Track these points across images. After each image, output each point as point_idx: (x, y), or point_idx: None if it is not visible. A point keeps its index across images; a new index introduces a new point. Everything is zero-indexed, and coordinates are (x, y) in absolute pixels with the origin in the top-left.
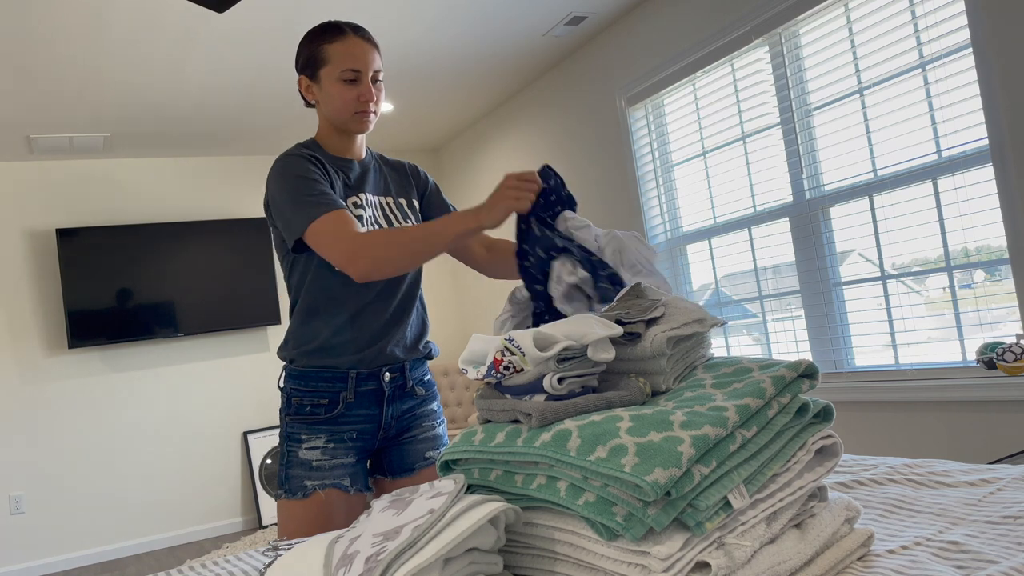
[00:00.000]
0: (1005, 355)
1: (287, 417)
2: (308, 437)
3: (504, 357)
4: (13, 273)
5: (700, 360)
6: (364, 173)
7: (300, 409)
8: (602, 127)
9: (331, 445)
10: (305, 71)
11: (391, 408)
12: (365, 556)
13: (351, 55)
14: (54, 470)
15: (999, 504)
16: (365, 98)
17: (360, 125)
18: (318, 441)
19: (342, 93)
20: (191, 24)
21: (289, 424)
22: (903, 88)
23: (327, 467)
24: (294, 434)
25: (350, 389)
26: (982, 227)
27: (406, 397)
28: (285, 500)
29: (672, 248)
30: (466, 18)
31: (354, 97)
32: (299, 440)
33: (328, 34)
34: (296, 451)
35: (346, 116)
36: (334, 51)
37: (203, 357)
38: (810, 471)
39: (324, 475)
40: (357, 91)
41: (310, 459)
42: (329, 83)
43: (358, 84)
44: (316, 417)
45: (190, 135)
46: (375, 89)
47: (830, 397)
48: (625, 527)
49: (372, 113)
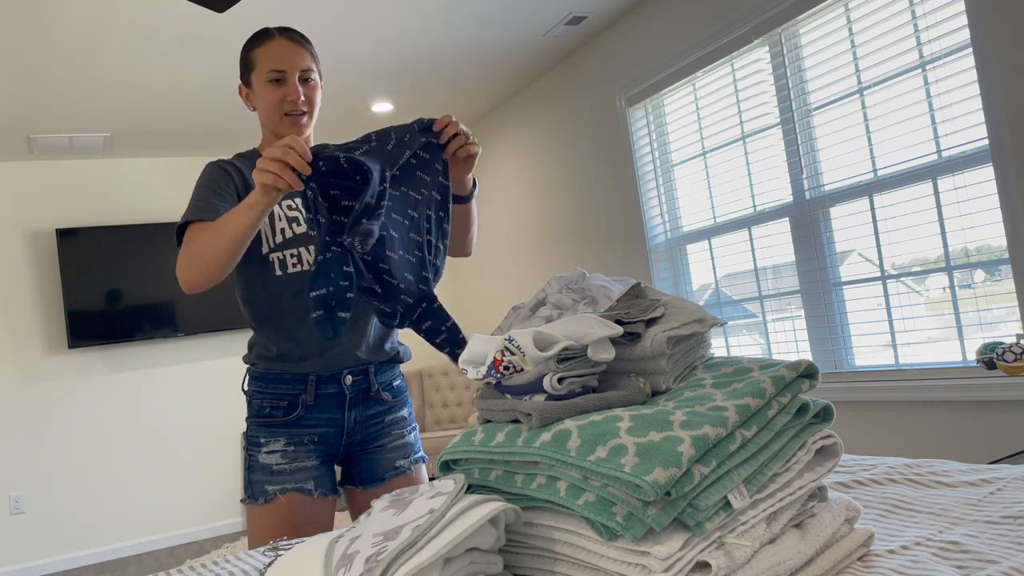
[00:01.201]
0: (1005, 355)
1: (248, 420)
2: (267, 440)
3: (504, 357)
4: (13, 273)
5: (700, 360)
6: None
7: (260, 411)
8: (602, 127)
9: (291, 448)
10: (242, 79)
11: (354, 412)
12: (365, 556)
13: (275, 56)
14: (54, 470)
15: (999, 504)
16: (291, 97)
17: (291, 127)
18: (277, 444)
19: (268, 95)
20: (191, 24)
21: (250, 428)
22: (903, 88)
23: (288, 471)
24: (254, 438)
25: (309, 392)
26: (982, 227)
27: (371, 402)
28: (249, 505)
29: (672, 248)
30: (466, 18)
31: (280, 97)
32: (259, 444)
33: (256, 39)
34: (256, 455)
35: (276, 118)
36: (260, 55)
37: (203, 357)
38: (810, 471)
39: (285, 479)
40: (283, 91)
41: (270, 463)
42: (259, 86)
43: (284, 84)
44: (275, 419)
45: (190, 135)
46: (305, 88)
47: (830, 397)
48: (625, 527)
49: (305, 114)
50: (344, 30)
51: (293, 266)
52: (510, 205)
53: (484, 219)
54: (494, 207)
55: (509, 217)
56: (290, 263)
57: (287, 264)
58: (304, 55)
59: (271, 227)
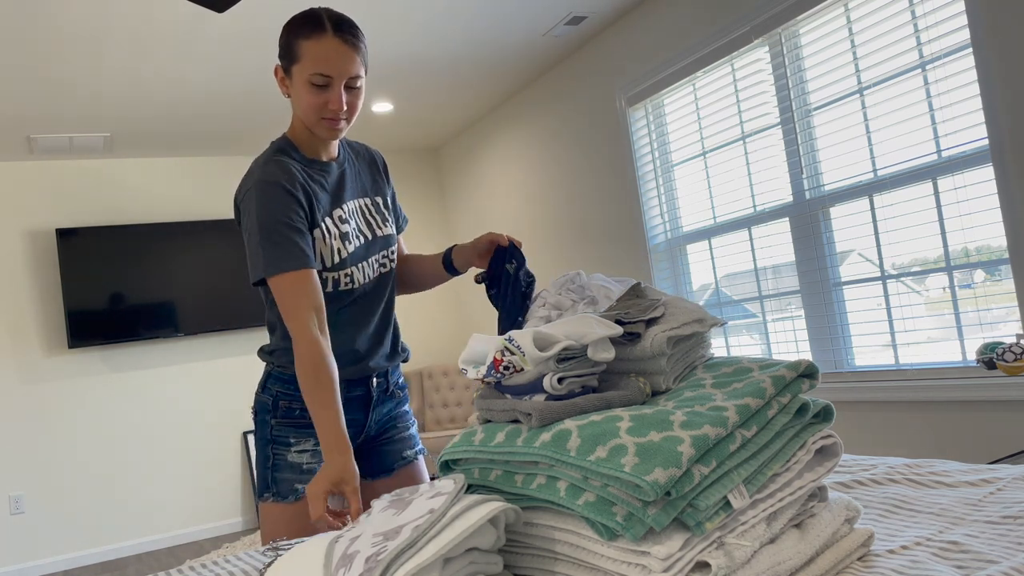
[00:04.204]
0: (1005, 355)
1: (273, 420)
2: (297, 440)
3: (504, 357)
4: (13, 273)
5: (700, 360)
6: (342, 177)
7: (288, 412)
8: (602, 127)
9: (319, 448)
10: (282, 62)
11: (375, 412)
12: (365, 556)
13: (324, 59)
14: (54, 470)
15: (999, 504)
16: (333, 107)
17: (328, 133)
18: (307, 444)
19: (309, 97)
20: (191, 24)
21: (275, 427)
22: (903, 88)
23: (317, 469)
24: (281, 437)
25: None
26: (982, 227)
27: (387, 400)
28: (273, 504)
29: (672, 248)
30: (466, 18)
31: (321, 104)
32: (287, 443)
33: (307, 27)
34: (284, 454)
35: (313, 120)
36: (308, 50)
37: (203, 357)
38: (810, 471)
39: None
40: (326, 98)
41: (300, 462)
42: (299, 82)
43: (328, 91)
44: (305, 420)
45: (190, 135)
46: (350, 96)
47: (830, 397)
48: (625, 527)
49: (343, 121)
50: None
51: (345, 285)
52: (510, 205)
53: (484, 219)
54: (494, 207)
55: (509, 217)
56: (343, 282)
57: (340, 283)
58: (355, 60)
59: (327, 247)
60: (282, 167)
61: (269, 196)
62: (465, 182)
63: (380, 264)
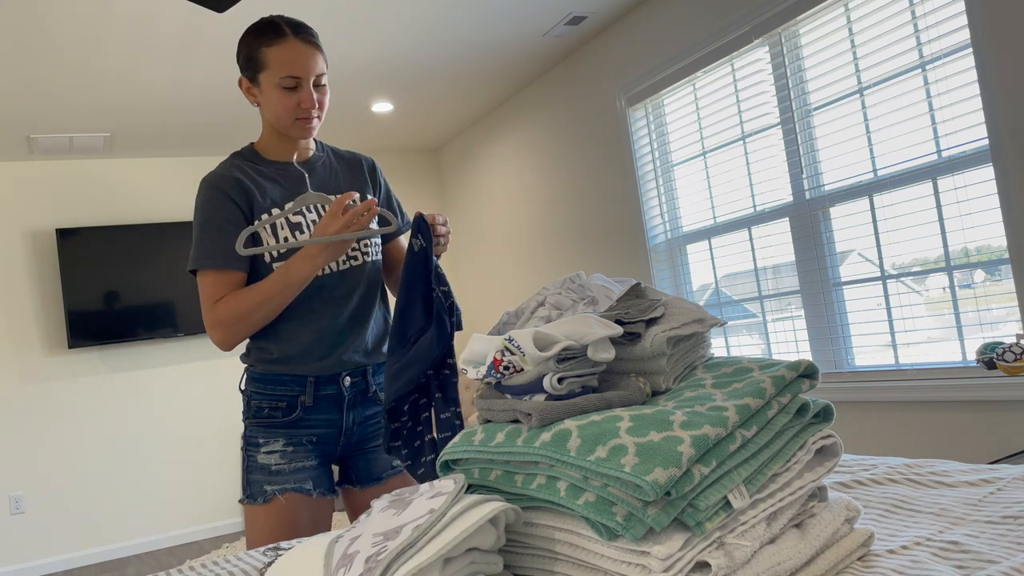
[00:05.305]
0: (1005, 355)
1: (246, 420)
2: (266, 441)
3: (504, 357)
4: (13, 273)
5: (700, 360)
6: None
7: (259, 412)
8: (602, 127)
9: (290, 449)
10: (245, 73)
11: (352, 413)
12: (365, 556)
13: (290, 61)
14: (54, 470)
15: (999, 504)
16: (306, 105)
17: (302, 132)
18: (276, 445)
19: (282, 100)
20: (191, 24)
21: (249, 428)
22: (903, 88)
23: (287, 471)
24: (252, 438)
25: (308, 393)
26: (982, 227)
27: (368, 403)
28: (248, 505)
29: (672, 248)
30: (466, 18)
31: (294, 104)
32: (257, 444)
33: (267, 35)
34: (255, 455)
35: (288, 122)
36: (273, 56)
37: (203, 357)
38: (810, 471)
39: (284, 479)
40: (298, 98)
41: (269, 463)
42: (269, 88)
43: (298, 91)
44: (274, 420)
45: (190, 135)
46: (318, 93)
47: (830, 397)
48: (625, 527)
49: (315, 119)
50: (344, 30)
51: None
52: (510, 205)
53: (484, 219)
54: (494, 207)
55: (509, 217)
56: None
57: None
58: (319, 59)
59: (274, 237)
60: (225, 168)
61: (207, 197)
62: (465, 182)
63: (350, 257)
